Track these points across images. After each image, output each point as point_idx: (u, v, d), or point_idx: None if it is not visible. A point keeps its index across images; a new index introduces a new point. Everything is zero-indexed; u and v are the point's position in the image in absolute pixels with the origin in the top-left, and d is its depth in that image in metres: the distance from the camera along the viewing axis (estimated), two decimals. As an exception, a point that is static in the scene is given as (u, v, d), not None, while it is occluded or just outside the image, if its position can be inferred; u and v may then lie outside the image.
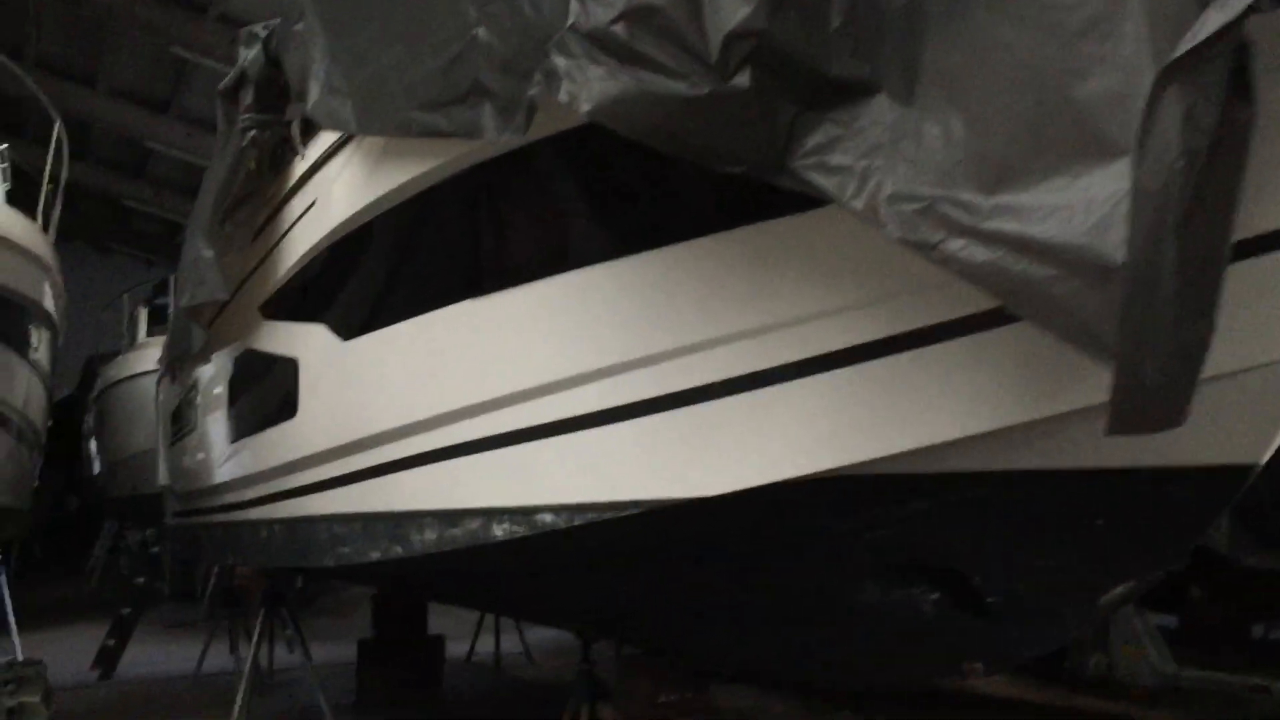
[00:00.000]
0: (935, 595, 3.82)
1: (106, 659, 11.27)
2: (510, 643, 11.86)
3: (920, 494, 3.49)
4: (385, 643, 9.83)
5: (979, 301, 3.01)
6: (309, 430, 5.63)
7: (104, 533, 19.38)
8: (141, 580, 12.41)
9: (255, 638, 8.59)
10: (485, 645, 11.85)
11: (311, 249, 5.43)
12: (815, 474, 3.44)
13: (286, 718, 9.04)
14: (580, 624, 5.78)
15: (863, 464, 3.38)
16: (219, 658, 11.33)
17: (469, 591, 6.25)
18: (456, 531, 4.50)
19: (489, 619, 11.81)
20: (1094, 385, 2.60)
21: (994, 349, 3.10)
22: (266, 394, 6.31)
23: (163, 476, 10.49)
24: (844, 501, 3.54)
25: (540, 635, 12.34)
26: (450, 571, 5.10)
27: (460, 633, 11.56)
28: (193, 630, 13.97)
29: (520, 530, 4.17)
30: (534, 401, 4.08)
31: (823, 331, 3.35)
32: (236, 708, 8.16)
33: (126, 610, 11.61)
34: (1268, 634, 10.83)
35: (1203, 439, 3.04)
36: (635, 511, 3.77)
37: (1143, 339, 2.27)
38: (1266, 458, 3.06)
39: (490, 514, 4.31)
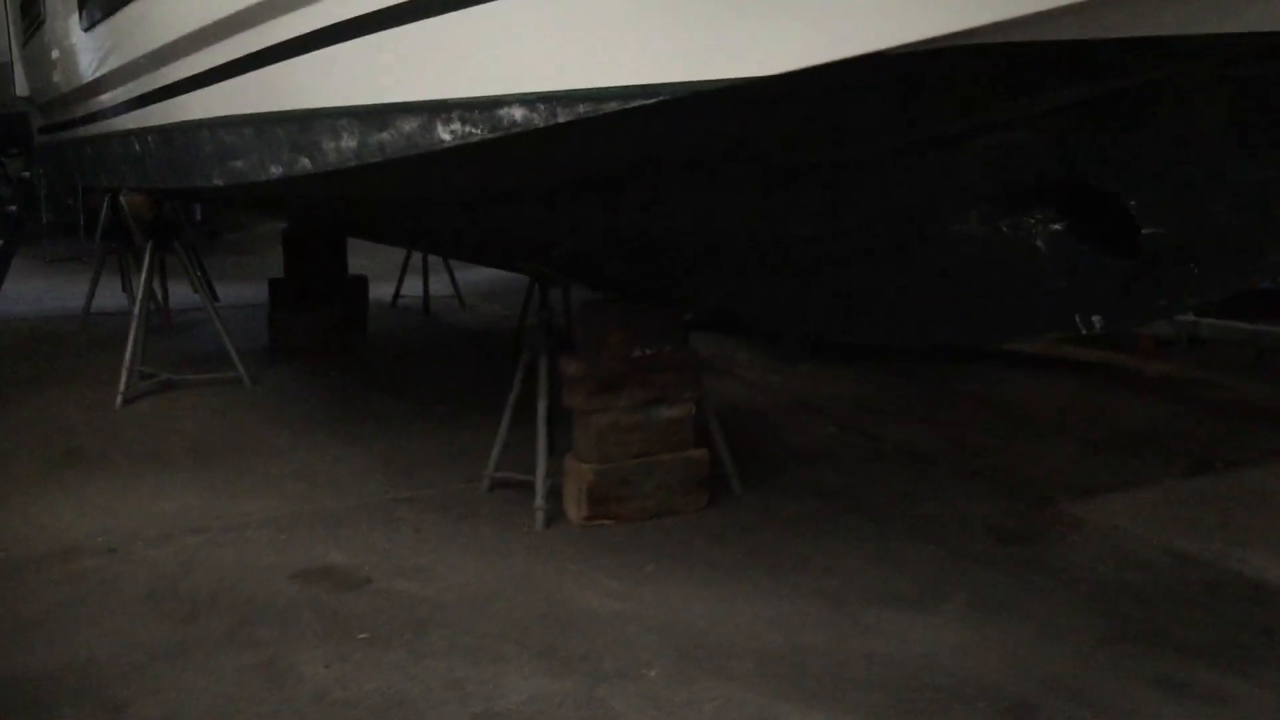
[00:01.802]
0: (1058, 226, 2.76)
1: (-18, 296, 10.07)
2: (439, 285, 10.89)
3: (1077, 73, 2.35)
4: (300, 283, 8.73)
5: None
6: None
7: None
8: (13, 209, 10.99)
9: (145, 272, 7.44)
10: (411, 288, 10.88)
11: None
12: (931, 40, 2.25)
13: (189, 361, 8.07)
14: (543, 263, 4.69)
15: (1004, 24, 2.20)
16: (111, 296, 10.20)
17: (397, 223, 5.10)
18: (385, 136, 3.28)
19: (416, 259, 10.75)
20: None
21: None
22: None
23: (20, 86, 8.84)
24: (970, 84, 2.39)
25: (473, 276, 11.38)
26: (375, 193, 3.93)
27: (382, 274, 10.53)
28: (79, 266, 12.74)
29: (477, 132, 2.96)
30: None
31: None
32: (128, 349, 7.15)
33: (-1, 242, 10.30)
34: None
35: None
36: (649, 102, 2.57)
37: None
38: None
39: (433, 110, 3.08)
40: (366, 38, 3.27)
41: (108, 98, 5.73)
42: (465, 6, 2.86)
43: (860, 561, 4.48)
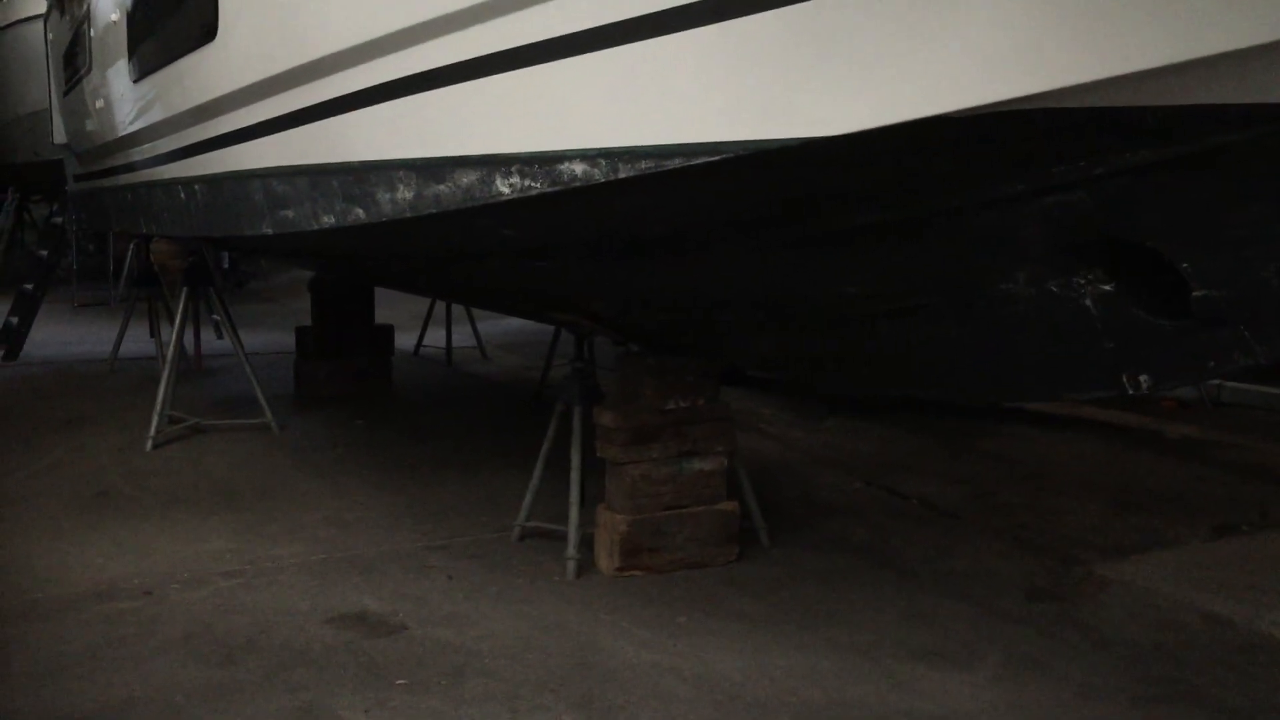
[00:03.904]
0: (1108, 287, 2.82)
1: (10, 338, 10.18)
2: (461, 336, 10.97)
3: (1137, 138, 2.42)
4: (327, 331, 8.81)
5: None
6: (235, 54, 4.31)
7: (5, 205, 17.73)
8: (45, 254, 11.12)
9: (179, 319, 7.53)
10: (432, 338, 10.96)
11: None
12: (992, 104, 2.33)
13: (217, 407, 8.14)
14: (584, 316, 4.76)
15: (1066, 90, 2.28)
16: (139, 342, 10.30)
17: (439, 273, 5.18)
18: (443, 189, 3.37)
19: (438, 309, 10.85)
20: None
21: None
22: (176, 10, 4.90)
23: (58, 133, 9.00)
24: (1032, 146, 2.46)
25: (492, 327, 11.48)
26: (429, 245, 4.01)
27: (403, 323, 10.62)
28: (107, 311, 12.87)
29: (536, 186, 3.04)
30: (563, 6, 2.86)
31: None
32: (159, 394, 7.22)
33: (29, 285, 10.41)
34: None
35: None
36: (711, 159, 2.64)
37: None
38: None
39: (492, 164, 3.16)
40: (424, 93, 3.36)
41: (152, 146, 5.85)
42: (526, 64, 2.95)
43: (892, 617, 4.48)
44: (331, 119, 3.82)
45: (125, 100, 6.09)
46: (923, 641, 4.25)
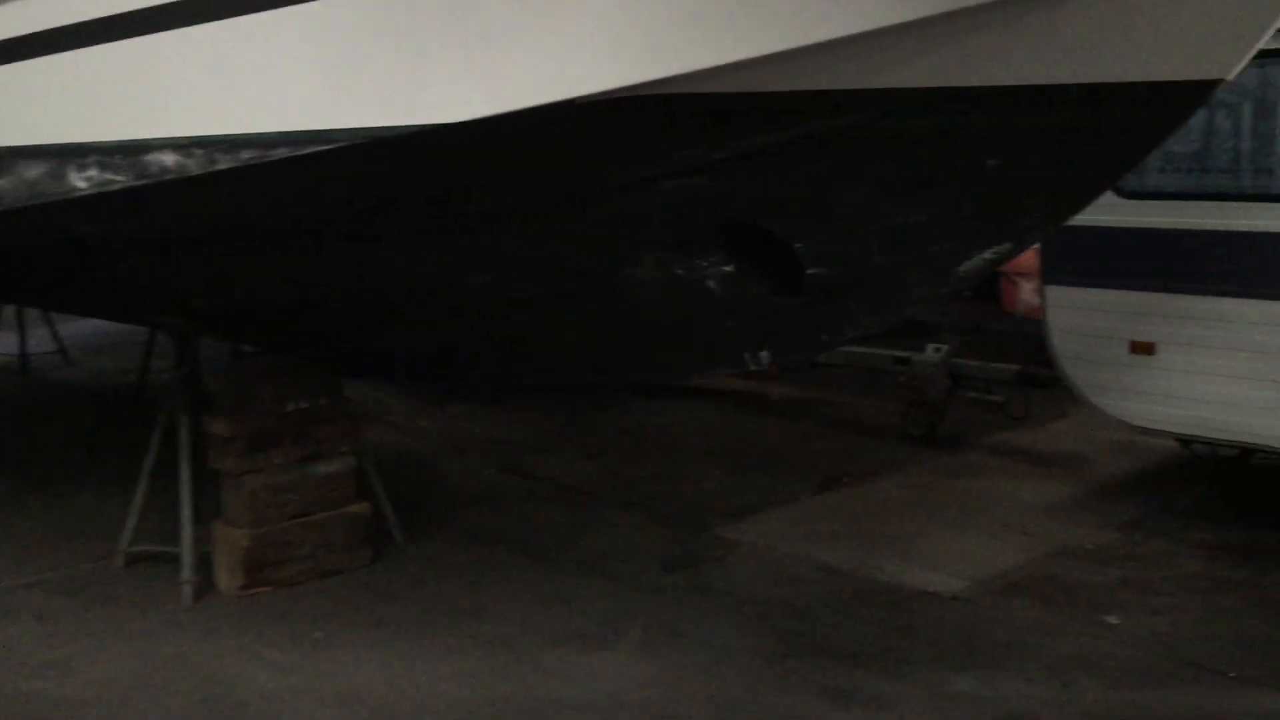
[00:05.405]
0: (728, 269, 2.89)
1: None
2: (38, 340, 9.79)
3: (754, 123, 2.48)
4: None
5: None
6: None
7: None
8: None
9: None
10: (4, 344, 9.72)
11: None
12: (613, 90, 2.30)
13: None
14: (184, 315, 4.33)
15: (680, 78, 2.29)
16: None
17: (19, 273, 4.51)
18: (2, 184, 2.90)
19: (8, 309, 9.61)
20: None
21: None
22: None
23: None
24: (651, 132, 2.45)
25: (79, 328, 10.34)
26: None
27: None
28: None
29: (120, 179, 2.68)
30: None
31: None
32: None
33: None
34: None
35: (1161, 49, 2.25)
36: (322, 148, 2.44)
37: None
38: (1235, 73, 2.34)
39: (64, 154, 2.76)
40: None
41: None
42: (104, 39, 2.59)
43: (535, 604, 4.46)
44: None
45: None
46: (567, 625, 4.26)
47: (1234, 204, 4.91)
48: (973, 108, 2.36)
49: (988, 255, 2.65)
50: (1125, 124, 2.37)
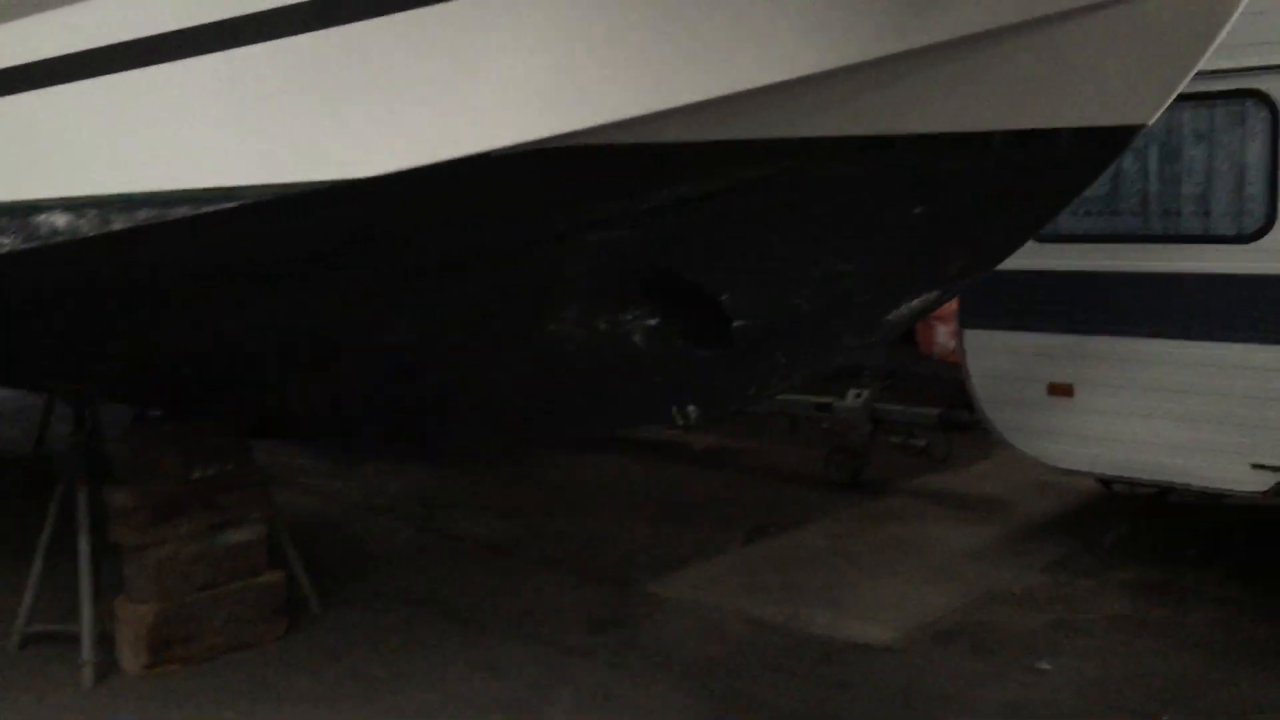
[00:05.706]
0: (653, 322, 2.82)
1: None
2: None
3: (676, 173, 2.42)
4: None
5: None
6: None
7: None
8: None
9: None
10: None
11: None
12: (532, 142, 2.23)
13: None
14: (82, 380, 4.12)
15: (599, 129, 2.23)
16: None
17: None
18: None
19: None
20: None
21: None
22: None
23: None
24: (572, 184, 2.38)
25: (-30, 395, 9.90)
26: None
27: None
28: None
29: (4, 242, 2.52)
30: (43, 22, 2.39)
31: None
32: None
33: None
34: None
35: (1085, 95, 2.24)
36: (225, 206, 2.31)
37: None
38: (1156, 118, 2.34)
39: (-55, 215, 2.59)
40: None
41: None
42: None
43: (461, 670, 4.30)
44: None
45: None
46: (494, 693, 4.10)
47: (1143, 246, 4.99)
48: (898, 156, 2.34)
49: (915, 304, 2.62)
50: (1051, 170, 2.37)
